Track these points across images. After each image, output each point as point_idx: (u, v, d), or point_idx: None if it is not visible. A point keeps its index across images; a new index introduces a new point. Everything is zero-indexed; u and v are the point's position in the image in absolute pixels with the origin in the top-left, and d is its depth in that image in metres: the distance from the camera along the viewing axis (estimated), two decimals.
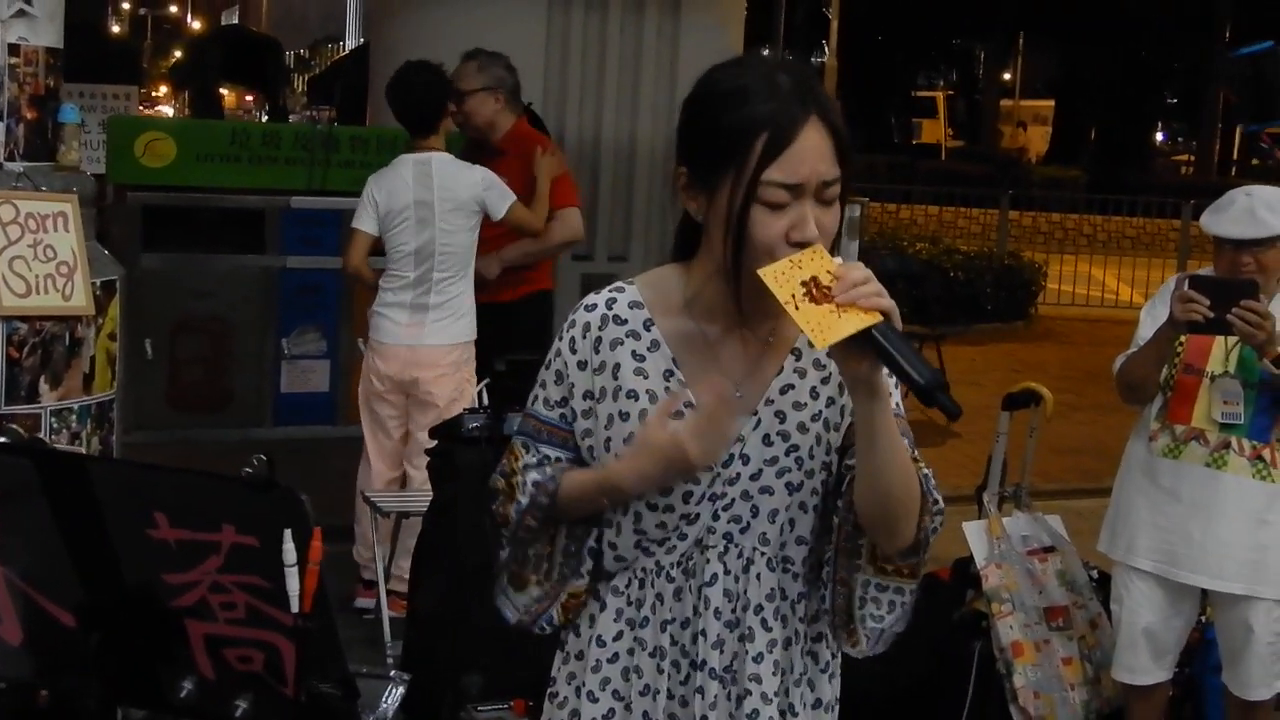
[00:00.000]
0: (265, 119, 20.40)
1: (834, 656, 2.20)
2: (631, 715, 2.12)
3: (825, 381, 2.07)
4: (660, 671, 2.09)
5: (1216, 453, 4.05)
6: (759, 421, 2.06)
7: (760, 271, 1.87)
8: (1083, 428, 9.08)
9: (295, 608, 1.61)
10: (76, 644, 1.78)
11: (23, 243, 4.00)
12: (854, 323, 1.81)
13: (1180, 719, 4.70)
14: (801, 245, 1.92)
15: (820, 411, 2.07)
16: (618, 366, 2.07)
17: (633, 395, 2.06)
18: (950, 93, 44.45)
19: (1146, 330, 4.14)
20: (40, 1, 4.06)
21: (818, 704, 2.16)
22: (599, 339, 2.08)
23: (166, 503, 1.66)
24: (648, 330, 2.08)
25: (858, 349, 1.86)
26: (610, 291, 2.13)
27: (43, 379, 4.06)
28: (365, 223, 5.41)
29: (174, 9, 54.65)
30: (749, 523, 2.07)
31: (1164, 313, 4.00)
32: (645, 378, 2.07)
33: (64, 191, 4.15)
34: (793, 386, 2.07)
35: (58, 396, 4.10)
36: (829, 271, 1.85)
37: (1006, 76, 42.49)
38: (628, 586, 2.13)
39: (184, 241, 7.50)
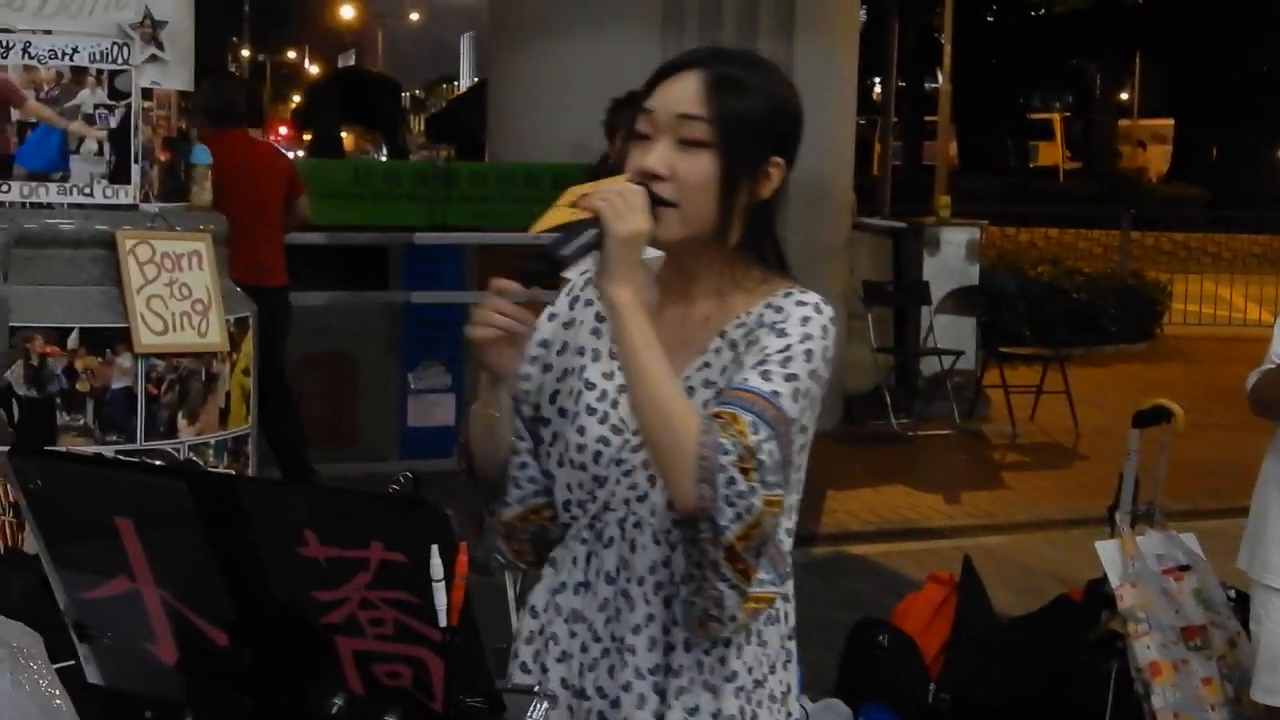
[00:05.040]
0: (385, 158, 20.73)
1: (746, 663, 2.09)
2: (549, 683, 2.14)
3: (734, 362, 2.08)
4: (573, 636, 2.14)
5: None
6: None
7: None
8: (1210, 447, 8.90)
9: (443, 622, 1.64)
10: (229, 663, 1.82)
11: (159, 281, 4.10)
12: (562, 216, 1.95)
13: None
14: (642, 174, 2.03)
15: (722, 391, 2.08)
16: (581, 323, 2.18)
17: (581, 352, 2.17)
18: (1066, 114, 43.91)
19: None
20: (171, 46, 4.17)
21: (717, 714, 2.07)
22: (575, 298, 2.22)
23: (315, 521, 1.70)
24: None
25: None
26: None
27: (180, 414, 4.15)
28: None
29: (291, 54, 55.75)
30: (646, 492, 2.08)
31: None
32: (599, 337, 2.16)
33: (198, 231, 4.25)
34: (709, 365, 2.11)
35: (195, 431, 4.19)
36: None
37: (1123, 96, 41.91)
38: (558, 556, 2.18)
39: (309, 278, 7.64)
